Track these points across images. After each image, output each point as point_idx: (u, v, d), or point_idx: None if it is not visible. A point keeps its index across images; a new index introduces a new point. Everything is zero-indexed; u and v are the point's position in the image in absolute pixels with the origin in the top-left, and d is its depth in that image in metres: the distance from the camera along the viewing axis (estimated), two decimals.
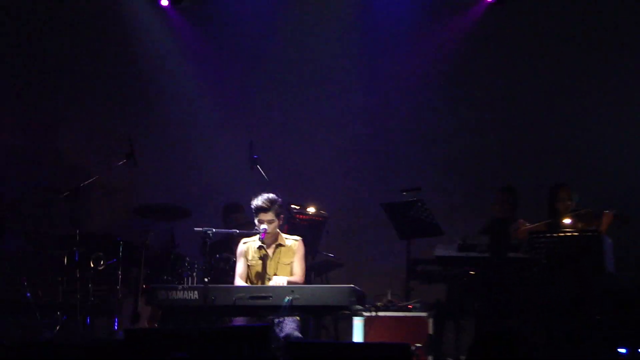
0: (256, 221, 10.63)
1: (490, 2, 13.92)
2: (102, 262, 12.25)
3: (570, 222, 11.55)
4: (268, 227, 10.53)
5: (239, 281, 10.70)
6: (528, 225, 11.78)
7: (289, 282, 10.27)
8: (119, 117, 14.52)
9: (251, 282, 10.69)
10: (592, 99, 14.02)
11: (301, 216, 12.19)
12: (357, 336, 11.16)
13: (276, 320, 9.98)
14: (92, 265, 12.24)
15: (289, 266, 10.66)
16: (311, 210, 12.28)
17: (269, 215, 10.54)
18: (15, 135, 14.67)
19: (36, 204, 13.30)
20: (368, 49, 14.41)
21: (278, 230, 10.76)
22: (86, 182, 12.69)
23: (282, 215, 10.77)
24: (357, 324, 11.15)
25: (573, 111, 14.06)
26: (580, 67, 14.05)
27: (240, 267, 10.79)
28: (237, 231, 11.14)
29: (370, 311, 11.13)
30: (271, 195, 10.64)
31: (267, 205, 10.53)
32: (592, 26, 13.99)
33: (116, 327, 12.20)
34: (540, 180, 12.85)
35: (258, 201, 10.58)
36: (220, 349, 8.40)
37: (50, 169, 14.51)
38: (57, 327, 12.31)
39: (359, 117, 14.39)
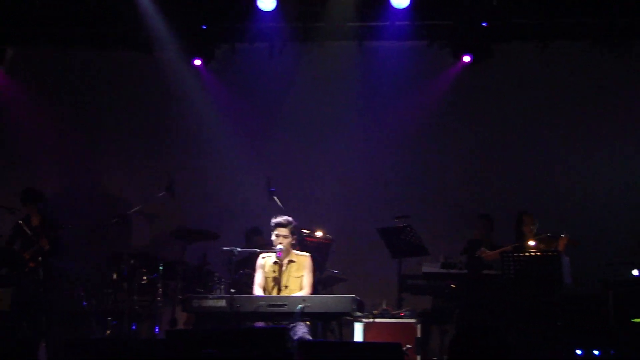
0: (273, 236, 10.78)
1: (467, 63, 13.88)
2: (145, 277, 12.37)
3: (534, 244, 11.77)
4: (283, 241, 10.69)
5: (257, 289, 10.84)
6: (488, 252, 12.00)
7: None
8: (159, 157, 14.57)
9: (267, 291, 10.82)
10: (553, 140, 14.22)
11: (310, 239, 12.26)
12: (358, 338, 11.26)
13: (290, 325, 10.10)
14: (136, 279, 12.32)
15: (299, 279, 10.78)
16: (319, 234, 12.41)
17: (285, 231, 10.74)
18: (74, 173, 14.90)
19: (91, 229, 13.38)
20: (368, 101, 14.44)
21: (291, 248, 10.87)
22: (132, 210, 12.91)
23: (295, 235, 10.91)
24: (358, 328, 11.28)
25: (537, 150, 14.21)
26: (543, 113, 14.23)
27: (258, 278, 10.93)
28: (258, 250, 11.24)
29: (369, 318, 11.25)
30: (289, 217, 10.87)
31: (285, 222, 10.77)
32: (553, 77, 14.21)
33: (157, 331, 12.29)
34: (510, 208, 12.91)
35: (277, 219, 10.81)
36: (244, 347, 8.52)
37: (101, 202, 14.63)
38: (108, 331, 12.37)
39: (360, 156, 14.36)
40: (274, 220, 10.85)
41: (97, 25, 13.96)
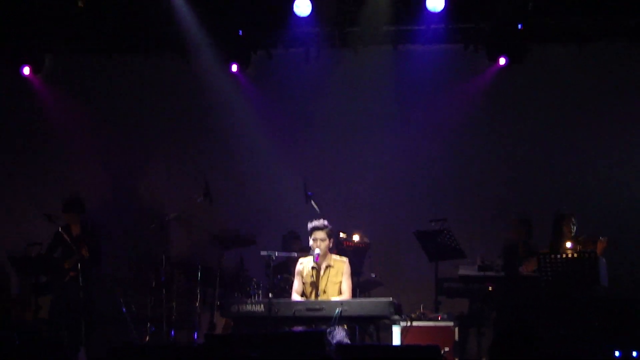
0: (311, 241, 10.84)
1: (503, 65, 13.93)
2: (183, 283, 12.58)
3: (571, 246, 11.75)
4: (320, 244, 10.73)
5: (295, 296, 10.89)
6: (528, 266, 11.93)
7: None
8: (196, 162, 14.63)
9: (305, 296, 10.86)
10: (590, 142, 14.19)
11: (347, 243, 12.31)
12: (396, 341, 11.20)
13: (328, 330, 10.13)
14: (175, 285, 12.55)
15: (337, 284, 10.82)
16: (356, 238, 12.45)
17: (322, 234, 10.78)
18: (112, 179, 15.01)
19: (129, 235, 13.49)
20: (404, 105, 14.43)
21: (328, 252, 10.92)
22: (170, 217, 13.07)
23: (332, 239, 10.94)
24: (396, 331, 11.21)
25: (574, 152, 14.18)
26: (580, 115, 14.19)
27: (296, 284, 11.00)
28: (296, 254, 11.38)
29: (406, 321, 11.17)
30: (325, 221, 10.92)
31: (322, 225, 10.82)
32: (589, 78, 14.15)
33: (196, 337, 12.40)
34: (547, 210, 12.89)
35: (314, 222, 10.87)
36: (283, 351, 8.51)
37: (139, 208, 14.69)
38: (147, 337, 12.54)
39: (396, 159, 14.35)
40: (310, 224, 10.91)
41: (135, 31, 14.16)
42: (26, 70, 14.62)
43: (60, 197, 13.21)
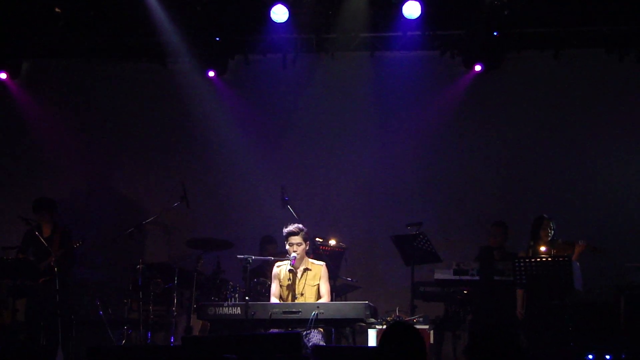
0: (287, 246, 10.85)
1: (479, 72, 14.11)
2: (160, 286, 12.50)
3: (545, 250, 11.85)
4: (297, 249, 10.75)
5: (274, 299, 10.89)
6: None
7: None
8: (173, 167, 14.69)
9: (283, 300, 10.86)
10: (566, 148, 14.34)
11: (324, 247, 12.32)
12: (372, 344, 11.21)
13: (304, 332, 10.15)
14: (152, 288, 12.49)
15: (314, 287, 10.82)
16: (332, 242, 12.46)
17: (298, 239, 10.79)
18: (89, 183, 15.03)
19: (107, 239, 13.51)
20: (381, 110, 14.54)
21: (305, 255, 10.94)
22: (147, 220, 13.08)
23: (308, 242, 10.96)
24: (372, 334, 11.32)
25: (550, 158, 14.33)
26: (556, 121, 14.35)
27: (274, 287, 11.00)
28: (272, 258, 11.33)
29: (382, 324, 11.21)
30: (299, 224, 10.94)
31: (297, 230, 10.81)
32: (565, 85, 14.37)
33: (172, 340, 12.36)
34: (523, 215, 13.10)
35: (289, 227, 10.87)
36: (260, 352, 8.58)
37: (116, 212, 14.68)
38: (124, 340, 12.52)
39: (373, 164, 14.45)
40: (285, 230, 10.93)
41: (112, 37, 14.19)
42: (3, 76, 14.65)
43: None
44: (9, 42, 14.20)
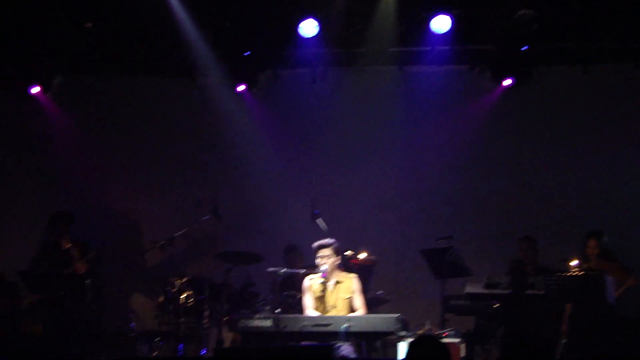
0: (317, 259, 10.91)
1: (508, 86, 14.09)
2: (191, 299, 12.47)
3: (577, 263, 11.89)
4: (327, 261, 10.80)
5: (311, 312, 10.90)
6: None
7: None
8: (204, 181, 14.76)
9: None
10: (595, 163, 14.30)
11: (354, 261, 12.38)
12: (401, 357, 11.02)
13: (335, 345, 10.09)
14: (183, 301, 12.50)
15: (347, 300, 10.86)
16: (362, 256, 12.56)
17: (327, 251, 10.85)
18: (121, 199, 15.03)
19: (138, 253, 13.53)
20: (410, 125, 14.52)
21: (336, 268, 10.98)
22: (178, 233, 13.11)
23: (338, 256, 11.01)
24: (402, 347, 11.15)
25: (579, 174, 14.29)
26: (584, 137, 14.35)
27: (309, 301, 11.02)
28: (302, 271, 11.43)
29: (413, 337, 10.72)
30: (330, 239, 11.01)
31: (326, 243, 10.89)
32: (593, 101, 14.32)
33: (203, 352, 12.40)
34: (553, 229, 13.30)
35: (319, 241, 10.96)
36: None
37: (149, 224, 14.80)
38: (155, 352, 12.55)
39: (402, 179, 14.51)
40: (315, 244, 11.00)
41: (142, 53, 14.27)
42: (36, 89, 14.68)
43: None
44: (43, 57, 14.24)
